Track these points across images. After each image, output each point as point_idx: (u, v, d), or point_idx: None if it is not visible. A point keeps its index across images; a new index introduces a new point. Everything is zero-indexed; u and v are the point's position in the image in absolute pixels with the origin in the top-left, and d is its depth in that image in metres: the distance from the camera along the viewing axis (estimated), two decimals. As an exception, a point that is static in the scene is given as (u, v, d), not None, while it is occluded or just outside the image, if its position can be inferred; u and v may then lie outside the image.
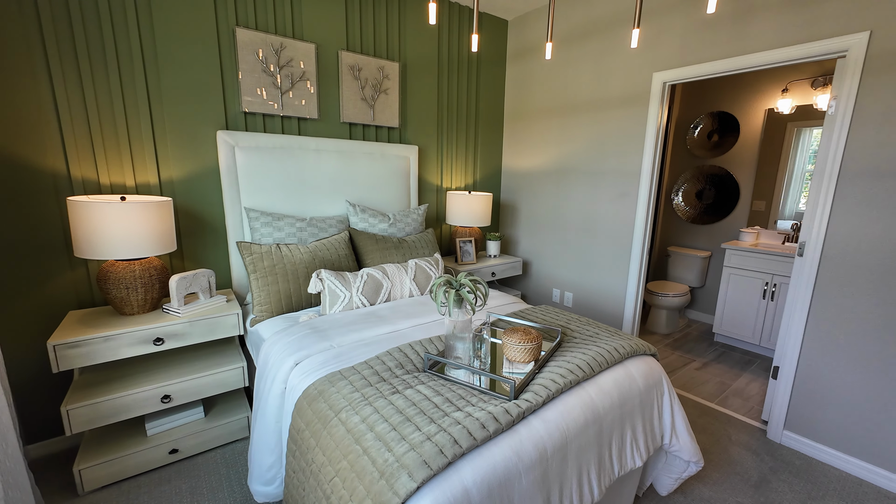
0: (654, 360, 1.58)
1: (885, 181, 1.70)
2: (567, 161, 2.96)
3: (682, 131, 3.76)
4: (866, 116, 1.73)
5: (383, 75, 2.64)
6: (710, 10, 1.07)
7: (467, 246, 2.96)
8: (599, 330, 1.67)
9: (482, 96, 3.25)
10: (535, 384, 1.25)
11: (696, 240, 3.79)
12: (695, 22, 2.20)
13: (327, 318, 1.78)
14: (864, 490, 1.77)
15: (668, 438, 1.52)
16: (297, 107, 2.35)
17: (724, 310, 3.21)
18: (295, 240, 2.17)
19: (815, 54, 1.83)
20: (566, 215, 3.02)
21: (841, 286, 1.85)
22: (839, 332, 1.87)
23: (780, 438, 2.08)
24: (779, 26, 1.92)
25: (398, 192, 2.77)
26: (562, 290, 3.14)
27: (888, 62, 1.66)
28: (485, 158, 3.39)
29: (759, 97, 3.29)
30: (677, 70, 2.28)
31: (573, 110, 2.87)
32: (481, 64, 3.18)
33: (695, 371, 2.84)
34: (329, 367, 1.38)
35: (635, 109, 2.51)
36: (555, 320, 1.78)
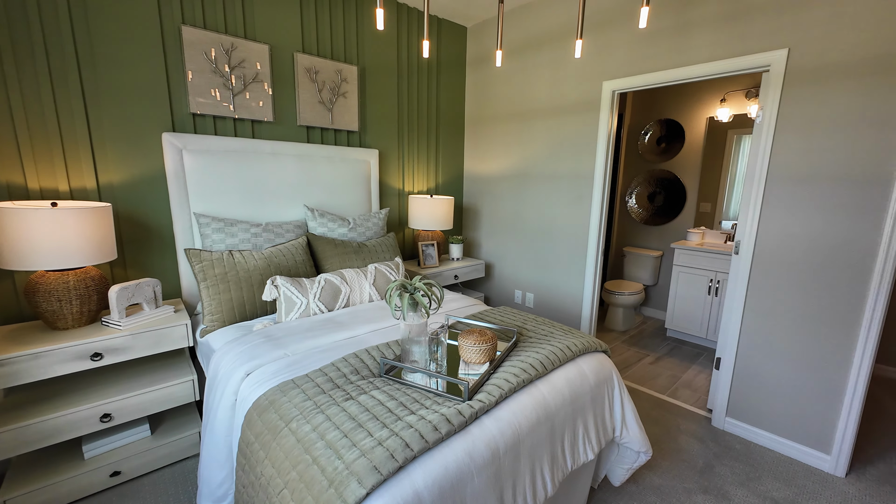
0: (605, 356, 1.65)
1: (806, 185, 1.87)
2: (526, 165, 3.04)
3: (634, 137, 3.96)
4: (788, 125, 1.89)
5: (341, 78, 2.62)
6: (641, 25, 1.14)
7: (430, 249, 2.97)
8: (554, 329, 1.73)
9: (443, 101, 3.28)
10: (490, 384, 1.27)
11: (649, 240, 3.99)
12: (639, 35, 2.32)
13: (283, 326, 1.73)
14: (795, 468, 1.92)
15: (619, 431, 1.59)
16: (251, 109, 2.29)
17: (675, 306, 3.40)
18: (249, 246, 2.10)
19: (744, 68, 1.98)
20: (526, 218, 3.10)
21: (771, 282, 2.01)
22: (771, 324, 2.03)
23: (723, 425, 2.22)
24: (713, 42, 2.06)
25: (359, 196, 2.75)
26: (523, 291, 3.21)
27: (804, 77, 1.82)
28: (446, 162, 3.42)
29: (701, 106, 3.52)
30: (625, 79, 2.40)
31: (531, 116, 2.96)
32: (441, 69, 3.21)
33: (649, 365, 2.98)
34: (282, 376, 1.34)
35: (588, 116, 2.62)
36: (512, 321, 1.82)
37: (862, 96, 1.69)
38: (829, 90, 1.77)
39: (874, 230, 1.71)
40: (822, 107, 1.79)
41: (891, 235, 1.68)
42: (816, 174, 1.83)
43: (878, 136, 1.67)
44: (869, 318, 1.75)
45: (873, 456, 2.02)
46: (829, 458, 1.90)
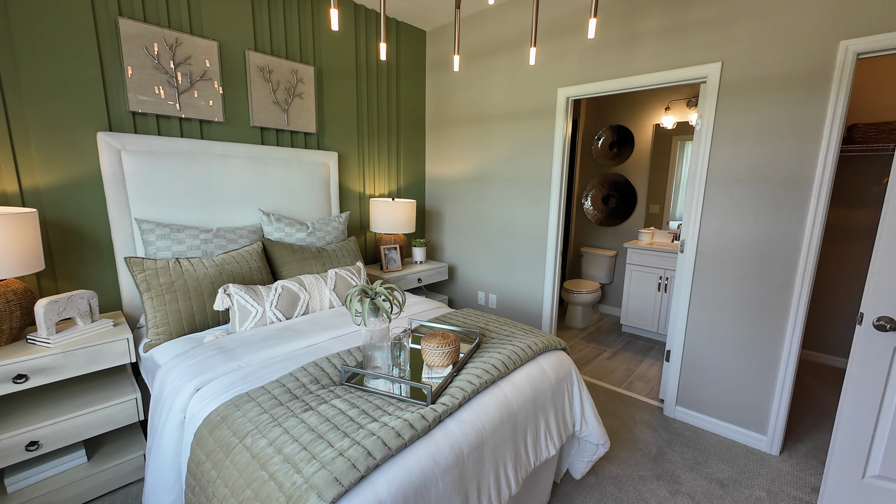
0: (564, 354, 1.71)
1: (739, 187, 2.03)
2: (486, 168, 3.09)
3: (589, 142, 4.13)
4: (723, 133, 2.05)
5: (297, 79, 2.54)
6: (590, 36, 1.19)
7: (392, 253, 2.94)
8: (515, 329, 1.76)
9: (403, 104, 3.27)
10: (453, 387, 1.27)
11: (604, 240, 4.18)
12: (591, 45, 2.43)
13: (236, 337, 1.65)
14: (737, 450, 2.07)
15: (578, 425, 1.64)
16: (200, 108, 2.17)
17: (629, 303, 3.57)
18: (199, 253, 1.99)
19: (684, 79, 2.13)
20: (487, 220, 3.15)
21: (713, 278, 2.16)
22: (714, 318, 2.18)
23: (673, 414, 2.36)
24: (656, 53, 2.20)
25: (318, 199, 2.67)
26: (486, 292, 3.25)
27: (736, 88, 1.98)
28: (408, 165, 3.41)
29: (648, 113, 3.73)
30: (578, 87, 2.50)
31: (490, 120, 3.01)
32: (401, 72, 3.20)
33: (606, 360, 3.12)
34: (236, 390, 1.27)
35: (544, 121, 2.71)
36: (475, 322, 1.84)
37: (784, 107, 1.87)
38: (757, 101, 1.93)
39: (798, 229, 1.89)
40: (751, 116, 1.96)
41: (811, 233, 1.85)
42: (749, 178, 2.00)
43: (799, 144, 1.85)
44: (795, 308, 1.93)
45: (802, 434, 2.22)
46: (766, 438, 2.07)
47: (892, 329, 1.43)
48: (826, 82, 1.76)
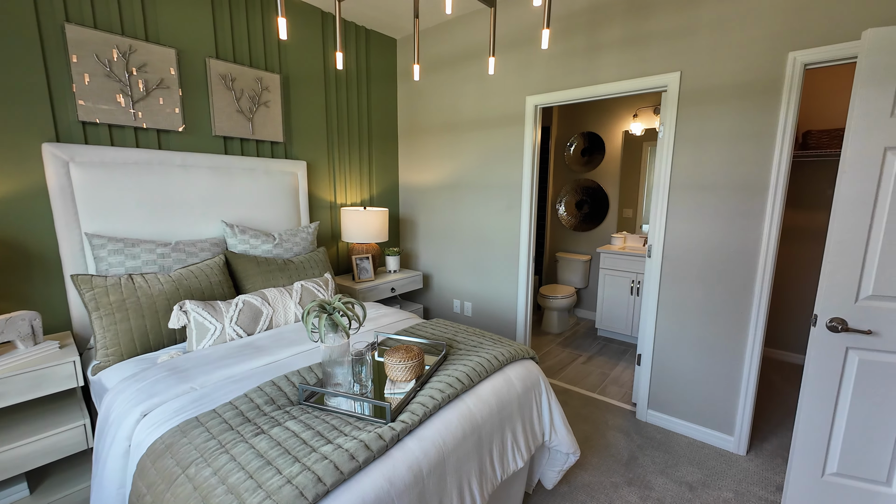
0: (532, 363, 1.70)
1: (701, 193, 2.08)
2: (459, 176, 3.09)
3: (561, 149, 4.19)
4: (684, 140, 2.10)
5: (262, 87, 2.49)
6: (543, 47, 1.20)
7: (364, 263, 2.89)
8: (484, 339, 1.74)
9: (375, 112, 3.24)
10: (415, 403, 1.24)
11: (579, 245, 4.23)
12: (557, 54, 2.47)
13: (192, 356, 1.57)
14: (706, 452, 2.10)
15: (548, 435, 1.63)
16: (157, 118, 2.09)
17: (603, 307, 3.61)
18: (156, 268, 1.90)
19: (646, 87, 2.17)
20: (461, 228, 3.14)
21: (679, 282, 2.20)
22: (681, 321, 2.21)
23: (646, 418, 2.38)
24: (619, 63, 2.24)
25: (286, 209, 2.61)
26: (462, 300, 3.24)
27: (695, 97, 2.04)
28: (381, 174, 3.37)
29: (617, 121, 3.81)
30: (545, 95, 2.53)
31: (461, 128, 3.01)
32: (372, 80, 3.17)
33: (581, 365, 3.13)
34: (185, 414, 1.21)
35: (514, 129, 2.73)
36: (443, 334, 1.81)
37: (740, 115, 1.92)
38: (715, 109, 1.99)
39: (756, 232, 1.94)
40: (710, 124, 2.01)
41: (769, 236, 1.91)
42: (710, 183, 2.05)
43: (755, 150, 1.91)
44: (756, 309, 1.97)
45: (768, 432, 2.27)
46: (733, 438, 2.10)
47: (843, 330, 1.47)
48: (777, 91, 1.82)
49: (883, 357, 1.46)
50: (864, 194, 1.41)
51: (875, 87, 1.36)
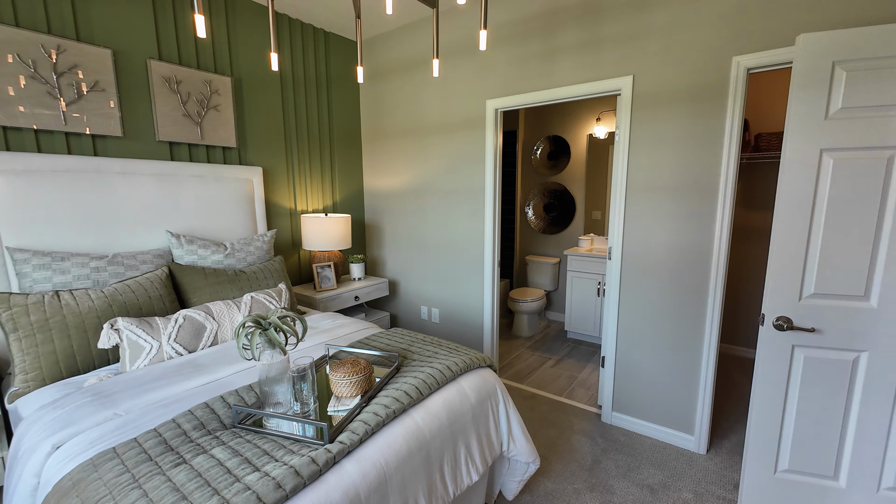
0: (489, 371, 1.66)
1: (656, 194, 2.10)
2: (424, 181, 3.04)
3: (528, 152, 4.21)
4: (639, 142, 2.12)
5: (211, 90, 2.38)
6: (482, 48, 1.17)
7: (326, 271, 2.80)
8: (440, 349, 1.69)
9: (337, 116, 3.17)
10: (357, 420, 1.18)
11: (547, 248, 4.25)
12: (515, 58, 2.46)
13: (123, 378, 1.46)
14: (667, 452, 2.11)
15: (506, 445, 1.59)
16: (91, 122, 1.96)
17: (572, 309, 3.63)
18: (89, 283, 1.77)
19: (602, 91, 2.19)
20: (427, 233, 3.09)
21: (638, 282, 2.21)
22: (641, 322, 2.23)
23: (610, 420, 2.38)
24: (574, 66, 2.25)
25: (240, 217, 2.50)
26: (429, 306, 3.18)
27: (648, 100, 2.06)
28: (345, 179, 3.29)
29: (581, 124, 3.86)
30: (505, 98, 2.52)
31: (425, 132, 2.97)
32: (332, 84, 3.10)
33: (550, 369, 3.12)
34: (103, 444, 1.11)
35: (476, 133, 2.70)
36: (398, 344, 1.75)
37: (689, 118, 1.95)
38: (666, 112, 2.01)
39: (709, 232, 1.97)
40: (662, 127, 2.04)
41: (720, 236, 1.94)
42: (664, 185, 2.07)
43: (705, 153, 1.94)
44: (711, 308, 2.00)
45: (727, 430, 2.30)
46: (693, 438, 2.12)
47: (789, 328, 1.49)
48: (723, 95, 1.86)
49: (826, 354, 1.49)
50: (802, 195, 1.44)
51: (810, 90, 1.39)
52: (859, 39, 1.33)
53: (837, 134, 1.38)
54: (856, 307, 1.44)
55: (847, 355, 1.48)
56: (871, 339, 1.44)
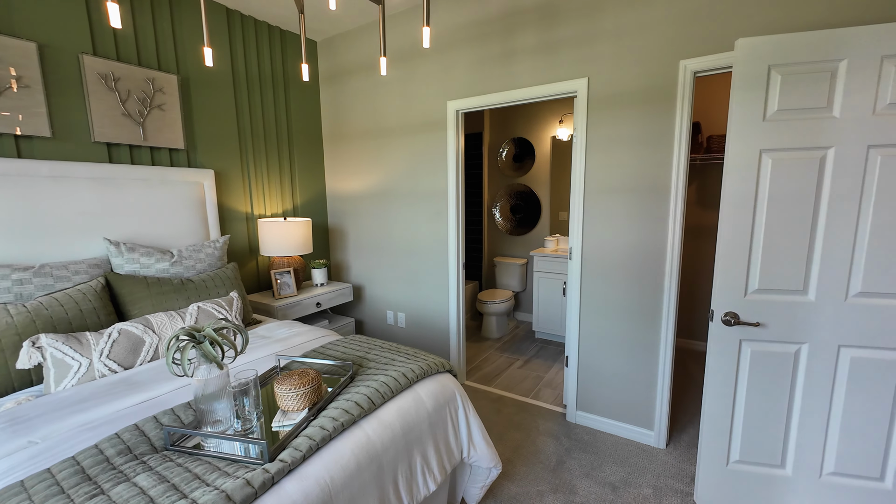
0: (449, 376, 1.62)
1: (613, 195, 2.13)
2: (387, 183, 2.99)
3: (494, 154, 4.23)
4: (595, 144, 2.15)
5: (155, 88, 2.24)
6: (425, 45, 1.14)
7: (285, 277, 2.70)
8: (398, 355, 1.65)
9: (296, 117, 3.07)
10: (302, 436, 1.11)
11: (515, 249, 4.27)
12: (475, 59, 2.45)
13: (44, 401, 1.33)
14: (629, 449, 2.14)
15: (466, 451, 1.56)
16: (13, 122, 1.80)
17: (539, 309, 3.65)
18: (10, 297, 1.62)
19: (559, 93, 2.21)
20: (391, 237, 3.04)
21: (598, 282, 2.24)
22: (601, 321, 2.25)
23: (575, 419, 2.39)
24: (532, 68, 2.26)
25: (190, 223, 2.37)
26: (395, 311, 3.12)
27: (603, 103, 2.09)
28: (306, 182, 3.19)
29: (545, 126, 3.91)
30: (465, 100, 2.51)
31: (387, 134, 2.92)
32: (290, 84, 3.00)
33: (517, 370, 3.13)
34: (10, 478, 0.99)
35: (438, 134, 2.68)
36: (354, 352, 1.69)
37: (642, 120, 2.00)
38: (620, 114, 2.05)
39: (663, 231, 2.02)
40: (617, 128, 2.07)
41: (673, 235, 1.99)
42: (620, 186, 2.11)
43: (657, 154, 1.98)
44: (667, 305, 2.05)
45: (686, 423, 2.36)
46: (653, 433, 2.16)
47: (736, 323, 1.54)
48: (672, 98, 1.91)
49: (770, 347, 1.55)
50: (745, 194, 1.49)
51: (748, 92, 1.44)
52: (790, 44, 1.39)
53: (775, 135, 1.44)
54: (796, 301, 1.50)
55: (789, 347, 1.54)
56: (809, 330, 1.50)
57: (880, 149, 1.36)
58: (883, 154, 1.36)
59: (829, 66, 1.37)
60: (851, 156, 1.39)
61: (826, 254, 1.45)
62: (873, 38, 1.32)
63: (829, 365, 1.50)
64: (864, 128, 1.36)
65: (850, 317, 1.45)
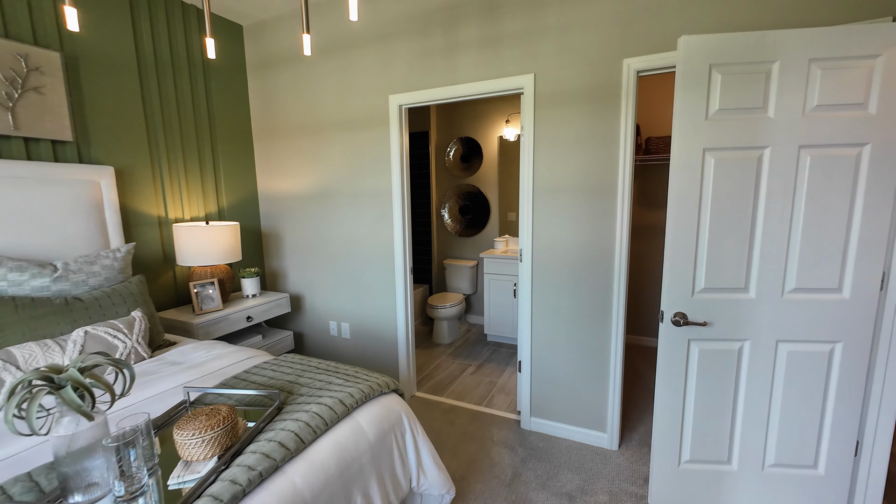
0: (395, 397, 1.46)
1: (561, 195, 2.08)
2: (327, 183, 2.75)
3: (442, 154, 4.11)
4: (543, 143, 2.09)
5: (29, 66, 1.85)
6: (353, 18, 0.97)
7: (207, 290, 2.37)
8: (335, 376, 1.45)
9: (220, 109, 2.73)
10: (206, 495, 0.89)
11: (465, 251, 4.19)
12: (418, 52, 2.31)
13: None
14: (584, 453, 2.10)
15: (415, 480, 1.40)
16: None
17: (490, 312, 3.59)
18: None
19: (505, 89, 2.12)
20: (333, 241, 2.80)
21: (548, 283, 2.18)
22: (553, 323, 2.20)
23: (529, 426, 2.33)
24: (477, 63, 2.16)
25: (82, 230, 1.99)
26: (338, 321, 2.89)
27: (549, 100, 2.04)
28: (234, 182, 2.86)
29: (491, 126, 3.86)
30: (408, 94, 2.35)
31: (325, 129, 2.69)
32: (213, 71, 2.66)
33: (470, 376, 3.02)
34: None
35: (379, 131, 2.50)
36: (284, 376, 1.47)
37: (588, 119, 1.97)
38: (567, 112, 2.01)
39: (610, 231, 2.00)
40: (564, 127, 2.03)
41: (621, 234, 1.97)
42: (568, 186, 2.06)
43: (603, 153, 1.96)
44: (616, 305, 2.03)
45: (636, 421, 2.39)
46: (606, 435, 2.14)
47: (685, 324, 1.53)
48: (617, 96, 1.89)
49: (716, 345, 1.56)
50: (690, 194, 1.48)
51: (691, 91, 1.43)
52: (729, 44, 1.39)
53: (716, 134, 1.44)
54: (738, 299, 1.51)
55: (733, 345, 1.55)
56: (751, 328, 1.52)
57: (809, 149, 1.40)
58: (812, 154, 1.40)
59: (764, 67, 1.39)
60: (784, 156, 1.42)
61: (764, 252, 1.47)
62: (802, 42, 1.35)
63: (768, 360, 1.54)
64: (795, 128, 1.40)
65: (786, 312, 1.49)
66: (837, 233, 1.42)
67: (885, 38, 1.31)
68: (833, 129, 1.38)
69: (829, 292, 1.47)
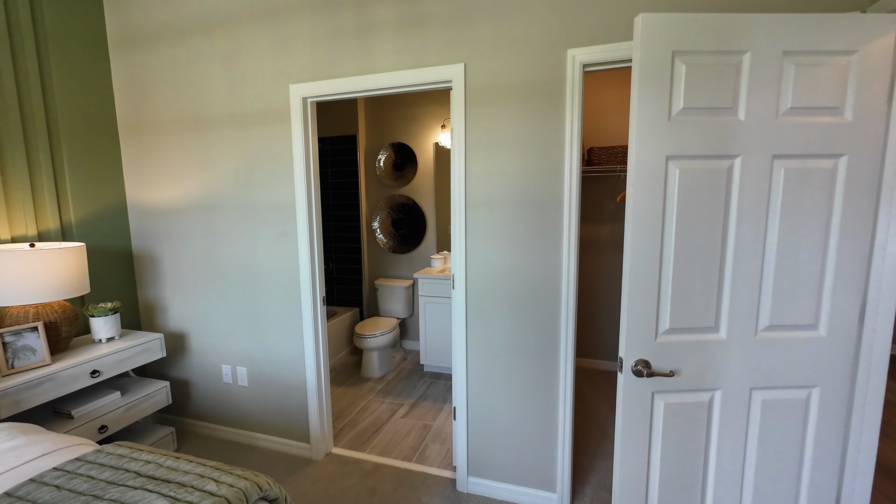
0: (259, 509, 0.98)
1: (498, 209, 1.74)
2: (214, 192, 2.19)
3: (372, 161, 3.67)
4: (476, 147, 1.74)
5: None
6: None
7: (26, 339, 1.71)
8: (165, 485, 0.94)
9: (64, 95, 2.08)
10: None
11: (400, 269, 3.75)
12: (322, 32, 1.87)
13: None
14: (531, 521, 1.74)
15: None
16: None
17: (427, 339, 3.18)
18: None
19: (430, 81, 1.75)
20: (224, 264, 2.24)
21: (486, 314, 1.82)
22: (491, 363, 1.84)
23: (466, 488, 1.93)
24: (396, 48, 1.77)
25: None
26: (233, 365, 2.31)
27: (483, 96, 1.70)
28: (88, 190, 2.20)
29: (426, 131, 3.49)
30: (313, 84, 1.90)
31: (211, 125, 2.14)
32: (53, 44, 2.02)
33: (400, 420, 2.57)
34: None
35: (278, 128, 2.01)
36: (77, 493, 0.93)
37: (528, 119, 1.65)
38: (504, 111, 1.68)
39: (556, 251, 1.69)
40: (501, 128, 1.69)
41: (569, 255, 1.67)
42: (507, 199, 1.72)
43: (546, 160, 1.65)
44: (564, 338, 1.71)
45: (587, 468, 2.09)
46: (556, 496, 1.80)
47: (649, 375, 1.22)
48: (561, 94, 1.59)
49: (684, 398, 1.27)
50: (651, 212, 1.18)
51: (651, 84, 1.14)
52: (695, 27, 1.12)
53: (681, 139, 1.16)
54: (708, 340, 1.24)
55: (703, 395, 1.27)
56: (722, 374, 1.25)
57: (783, 160, 1.17)
58: (786, 166, 1.17)
59: (733, 58, 1.13)
60: (756, 167, 1.17)
61: (735, 283, 1.21)
62: (774, 29, 1.12)
63: (741, 411, 1.28)
64: (767, 134, 1.16)
65: (760, 354, 1.24)
66: (813, 259, 1.20)
67: (862, 32, 1.11)
68: (808, 136, 1.15)
69: (806, 329, 1.24)
